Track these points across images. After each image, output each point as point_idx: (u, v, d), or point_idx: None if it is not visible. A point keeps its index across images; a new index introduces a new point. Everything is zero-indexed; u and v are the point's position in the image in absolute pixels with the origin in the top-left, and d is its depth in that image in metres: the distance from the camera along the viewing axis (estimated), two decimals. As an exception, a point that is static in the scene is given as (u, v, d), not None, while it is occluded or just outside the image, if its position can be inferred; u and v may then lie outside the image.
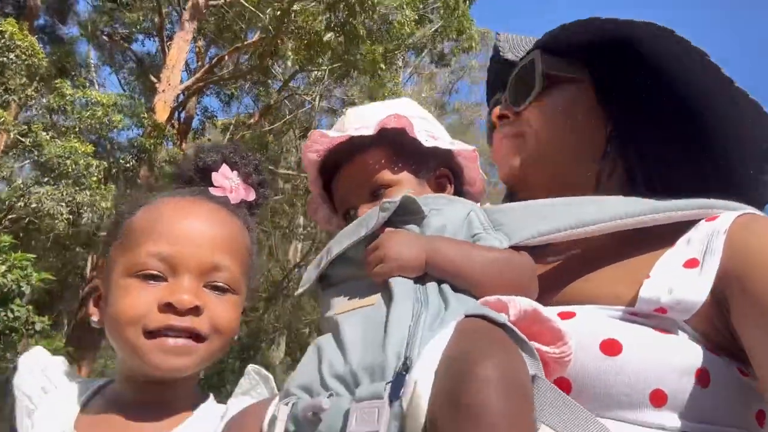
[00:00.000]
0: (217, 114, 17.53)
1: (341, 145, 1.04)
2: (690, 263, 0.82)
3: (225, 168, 1.03)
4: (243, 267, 0.97)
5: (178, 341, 0.88)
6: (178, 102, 13.45)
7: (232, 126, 16.17)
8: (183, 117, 15.41)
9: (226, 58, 14.55)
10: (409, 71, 19.77)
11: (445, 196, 1.03)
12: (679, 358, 0.77)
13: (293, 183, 16.13)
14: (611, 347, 0.77)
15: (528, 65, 1.07)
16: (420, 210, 0.91)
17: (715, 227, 0.84)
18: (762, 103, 0.92)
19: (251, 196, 1.05)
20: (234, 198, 1.02)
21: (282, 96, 16.32)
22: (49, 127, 9.93)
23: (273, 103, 16.06)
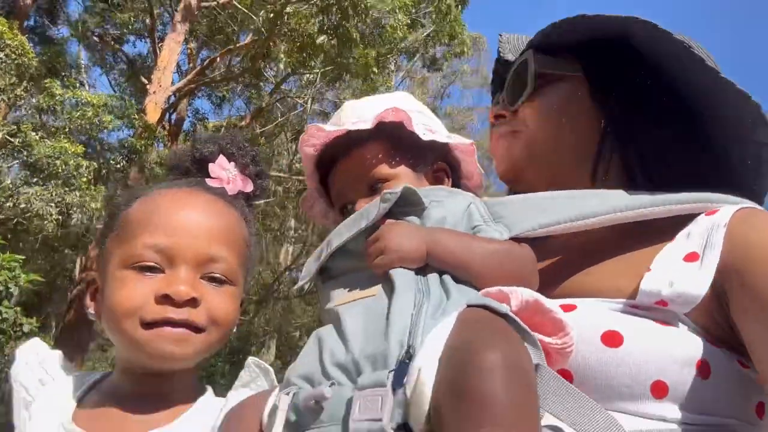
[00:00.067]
0: (209, 116, 17.48)
1: (338, 139, 1.03)
2: (690, 257, 0.82)
3: (222, 159, 1.02)
4: (240, 258, 0.97)
5: (175, 330, 0.87)
6: (169, 104, 13.37)
7: (223, 128, 16.05)
8: (174, 119, 15.32)
9: (217, 60, 14.49)
10: (401, 75, 19.77)
11: (445, 187, 1.03)
12: (680, 349, 0.77)
13: (284, 186, 16.07)
14: (612, 339, 0.77)
15: (522, 65, 1.07)
16: (420, 201, 0.90)
17: (715, 221, 0.84)
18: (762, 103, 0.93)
19: (249, 187, 1.04)
20: (231, 189, 1.01)
21: (274, 99, 16.27)
22: (39, 128, 9.84)
23: (265, 106, 15.99)
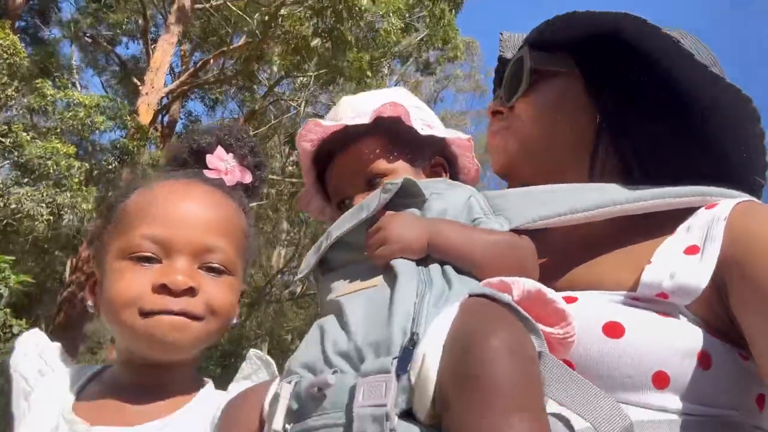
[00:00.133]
0: (202, 118, 17.47)
1: (336, 135, 1.03)
2: (690, 250, 0.83)
3: (220, 150, 1.02)
4: (238, 249, 0.96)
5: (174, 318, 0.86)
6: (161, 105, 13.33)
7: (216, 131, 16.01)
8: (167, 120, 15.27)
9: (211, 62, 14.44)
10: (395, 79, 19.82)
11: (445, 180, 1.03)
12: (681, 340, 0.77)
13: (277, 188, 16.04)
14: (614, 330, 0.77)
15: (518, 61, 1.08)
16: (421, 193, 0.90)
17: (715, 214, 0.85)
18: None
19: (247, 178, 1.04)
20: (229, 180, 1.01)
21: (267, 101, 16.25)
22: (30, 128, 9.77)
23: (258, 109, 15.96)
